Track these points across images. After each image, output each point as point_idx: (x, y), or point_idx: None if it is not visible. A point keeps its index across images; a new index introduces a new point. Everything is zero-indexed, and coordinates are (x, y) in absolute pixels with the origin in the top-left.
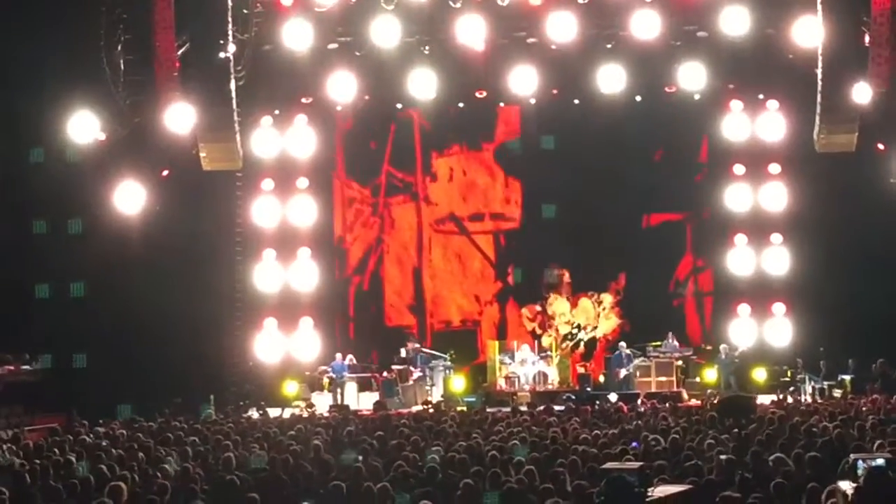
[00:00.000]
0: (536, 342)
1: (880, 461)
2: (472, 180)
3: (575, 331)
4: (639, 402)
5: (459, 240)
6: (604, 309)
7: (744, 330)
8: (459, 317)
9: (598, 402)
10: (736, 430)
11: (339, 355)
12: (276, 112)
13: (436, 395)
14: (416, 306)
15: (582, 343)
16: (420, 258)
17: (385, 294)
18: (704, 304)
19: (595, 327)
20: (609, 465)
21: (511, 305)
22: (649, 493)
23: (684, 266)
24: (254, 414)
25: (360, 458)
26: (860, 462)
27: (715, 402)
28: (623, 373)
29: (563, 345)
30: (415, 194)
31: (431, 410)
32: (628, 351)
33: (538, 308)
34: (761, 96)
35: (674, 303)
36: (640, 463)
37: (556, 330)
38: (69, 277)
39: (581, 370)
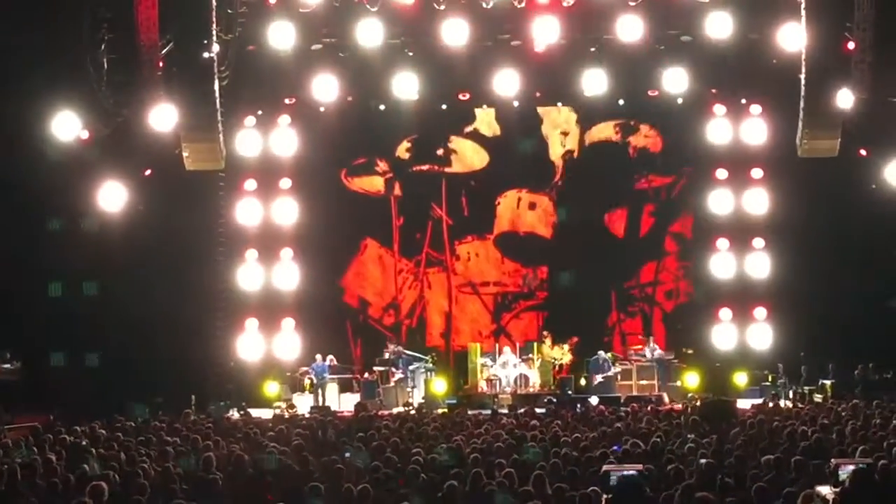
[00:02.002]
0: (517, 345)
1: (861, 466)
2: (482, 259)
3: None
4: (622, 404)
5: (473, 297)
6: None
7: (725, 334)
8: (469, 340)
9: (578, 406)
10: (716, 434)
11: (319, 356)
12: (260, 112)
13: (417, 397)
14: (445, 333)
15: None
16: (450, 308)
17: (428, 327)
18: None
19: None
20: (607, 466)
21: (502, 339)
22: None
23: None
24: (234, 414)
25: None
26: (842, 467)
27: (696, 405)
28: (599, 378)
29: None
30: (446, 267)
31: (413, 412)
32: (606, 356)
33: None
34: (744, 101)
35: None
36: (641, 465)
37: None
38: (48, 277)
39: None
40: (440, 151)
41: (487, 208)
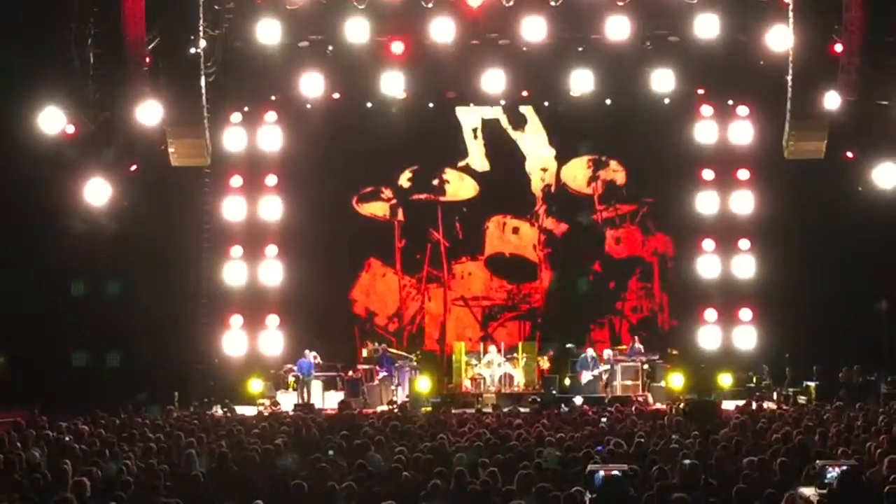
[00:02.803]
0: (503, 343)
1: (846, 468)
2: (474, 277)
3: None
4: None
5: (465, 309)
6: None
7: (710, 335)
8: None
9: (563, 405)
10: (700, 434)
11: (307, 351)
12: (246, 109)
13: (401, 396)
14: (440, 339)
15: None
16: (445, 318)
17: (426, 334)
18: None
19: None
20: (593, 466)
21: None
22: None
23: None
24: (218, 410)
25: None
26: (828, 468)
27: (681, 406)
28: (587, 376)
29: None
30: (443, 283)
31: (396, 410)
32: (594, 354)
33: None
34: (731, 102)
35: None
36: (626, 466)
37: None
38: (34, 273)
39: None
40: (436, 182)
41: (477, 232)
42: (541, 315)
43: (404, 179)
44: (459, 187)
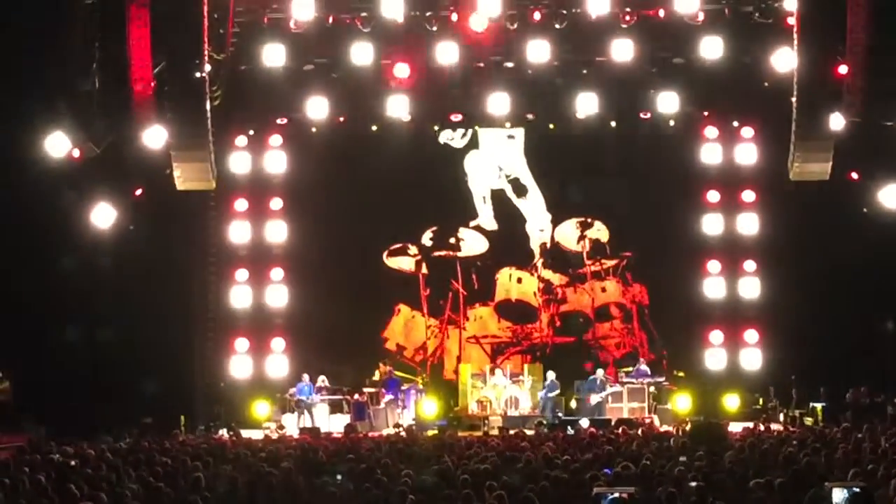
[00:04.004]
0: (508, 366)
1: (856, 490)
2: (485, 319)
3: None
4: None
5: (476, 346)
6: None
7: (716, 356)
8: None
9: (569, 428)
10: (707, 457)
11: (305, 376)
12: (251, 132)
13: (407, 419)
14: (455, 370)
15: None
16: (460, 353)
17: (444, 365)
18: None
19: None
20: (599, 490)
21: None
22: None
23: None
24: (224, 434)
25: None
26: (836, 490)
27: (687, 428)
28: (595, 398)
29: None
30: (458, 325)
31: (403, 434)
32: (603, 377)
33: None
34: (736, 124)
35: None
36: (632, 488)
37: None
38: (42, 304)
39: None
40: (453, 240)
41: (489, 282)
42: (539, 350)
43: (426, 238)
44: (473, 244)
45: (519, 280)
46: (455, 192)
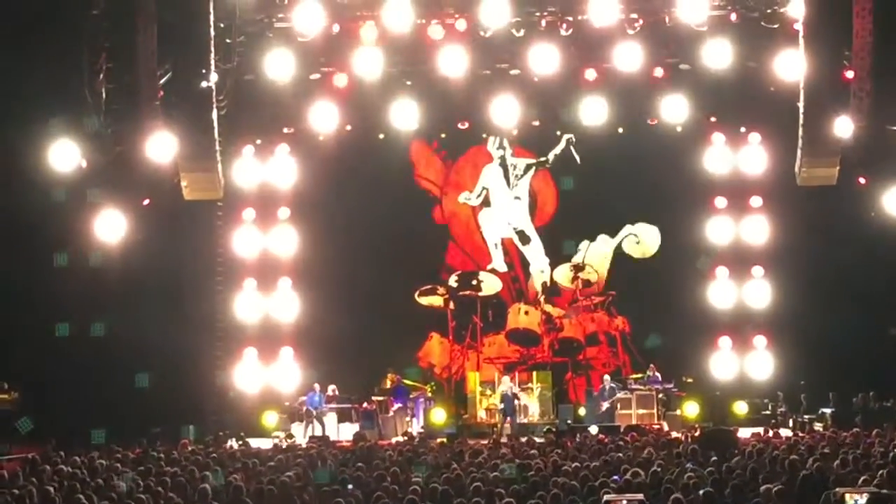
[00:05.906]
0: (517, 374)
1: (866, 496)
2: (498, 345)
3: None
4: (622, 433)
5: (490, 365)
6: None
7: (725, 363)
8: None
9: (578, 435)
10: (717, 463)
11: (317, 386)
12: (258, 142)
13: (416, 427)
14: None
15: None
16: (476, 370)
17: (465, 381)
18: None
19: None
20: (609, 497)
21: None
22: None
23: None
24: (233, 444)
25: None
26: (849, 496)
27: (696, 435)
28: (605, 405)
29: None
30: (477, 350)
31: (416, 441)
32: (612, 384)
33: None
34: (743, 129)
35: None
36: (641, 495)
37: None
38: (48, 309)
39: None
40: (474, 282)
41: (502, 315)
42: (541, 368)
43: (452, 280)
44: (490, 285)
45: (526, 312)
46: (472, 235)
